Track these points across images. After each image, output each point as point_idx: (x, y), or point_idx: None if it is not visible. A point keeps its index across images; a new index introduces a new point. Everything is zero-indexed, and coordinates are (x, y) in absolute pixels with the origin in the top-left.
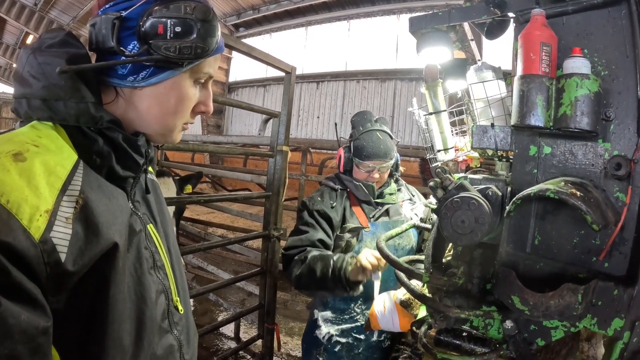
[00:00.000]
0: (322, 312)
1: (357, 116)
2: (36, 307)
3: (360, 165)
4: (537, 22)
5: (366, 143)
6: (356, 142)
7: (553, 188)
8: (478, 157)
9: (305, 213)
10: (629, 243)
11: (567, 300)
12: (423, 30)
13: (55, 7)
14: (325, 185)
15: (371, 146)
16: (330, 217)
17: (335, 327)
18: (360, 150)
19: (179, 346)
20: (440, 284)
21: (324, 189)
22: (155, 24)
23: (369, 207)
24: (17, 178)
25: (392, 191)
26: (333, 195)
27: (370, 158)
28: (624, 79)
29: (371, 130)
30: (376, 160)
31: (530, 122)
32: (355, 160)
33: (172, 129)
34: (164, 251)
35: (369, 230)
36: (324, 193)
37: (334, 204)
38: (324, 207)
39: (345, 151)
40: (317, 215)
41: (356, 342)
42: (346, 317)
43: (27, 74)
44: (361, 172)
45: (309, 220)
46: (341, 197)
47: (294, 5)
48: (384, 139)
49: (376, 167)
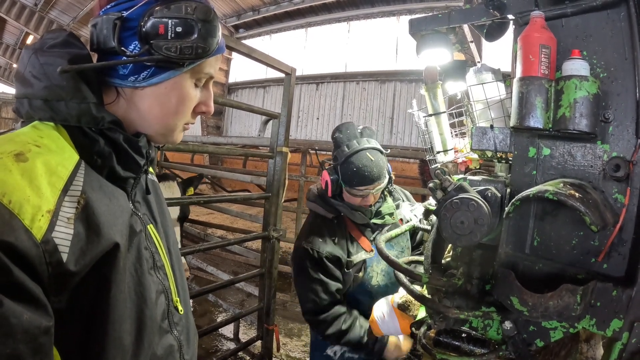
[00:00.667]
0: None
1: (339, 132)
2: (38, 306)
3: (352, 192)
4: (536, 24)
5: (356, 168)
6: (343, 167)
7: (552, 189)
8: (477, 158)
9: (311, 265)
10: (627, 244)
11: (565, 301)
12: (423, 32)
13: (56, 7)
14: (315, 214)
15: (362, 171)
16: (338, 256)
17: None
18: (351, 177)
19: (179, 346)
20: (440, 285)
21: (319, 223)
22: (156, 24)
23: (369, 230)
24: (19, 178)
25: (390, 210)
26: (331, 228)
27: (362, 184)
28: (622, 81)
29: (359, 152)
30: (370, 186)
31: (529, 123)
32: (345, 187)
33: (173, 129)
34: (164, 251)
35: (373, 254)
36: (321, 229)
37: (335, 240)
38: (329, 250)
39: (331, 174)
40: (327, 263)
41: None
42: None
43: (28, 74)
44: (354, 197)
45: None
46: (339, 227)
47: (293, 7)
48: (376, 160)
49: (371, 191)
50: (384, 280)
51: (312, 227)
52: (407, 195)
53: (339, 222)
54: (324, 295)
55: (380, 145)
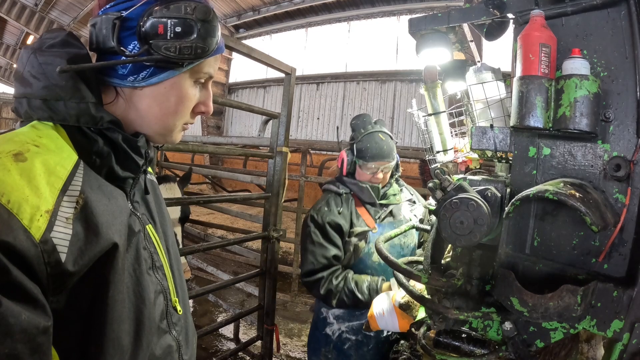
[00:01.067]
0: (332, 309)
1: (357, 119)
2: (36, 306)
3: (364, 167)
4: (536, 23)
5: (370, 144)
6: (359, 144)
7: (552, 189)
8: (477, 158)
9: (314, 229)
10: (628, 244)
11: (566, 301)
12: (423, 32)
13: (56, 7)
14: (328, 190)
15: (375, 147)
16: (340, 225)
17: (346, 323)
18: (364, 152)
19: (178, 346)
20: (439, 285)
21: (328, 196)
22: (155, 24)
23: (374, 209)
24: (18, 178)
25: (395, 192)
26: (338, 200)
27: (374, 159)
28: (623, 80)
29: (373, 132)
30: (380, 161)
31: (529, 123)
32: (359, 162)
33: (172, 129)
34: (162, 252)
35: (376, 231)
36: (329, 200)
37: (340, 210)
38: (332, 217)
39: (347, 154)
40: (329, 229)
41: (366, 340)
42: (357, 313)
43: (27, 74)
44: (365, 173)
45: (319, 239)
46: (347, 201)
47: (294, 7)
48: (386, 140)
49: (380, 167)
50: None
51: (322, 200)
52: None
53: (347, 198)
54: (322, 259)
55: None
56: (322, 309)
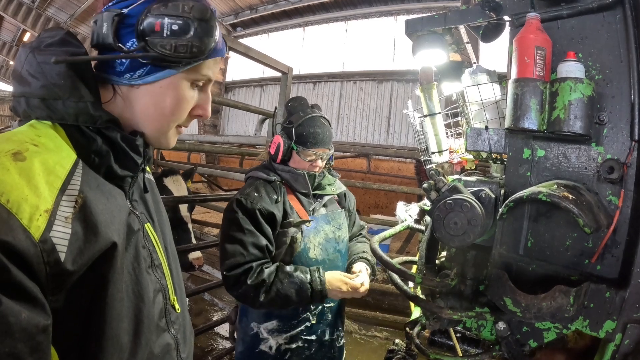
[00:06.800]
0: (263, 323)
1: (295, 101)
2: (36, 305)
3: (302, 154)
4: (532, 26)
5: (312, 129)
6: (299, 128)
7: (546, 191)
8: (472, 159)
9: (241, 215)
10: (621, 246)
11: (559, 302)
12: (419, 33)
13: (53, 4)
14: (255, 177)
15: (317, 132)
16: (274, 214)
17: (283, 335)
18: (305, 137)
19: (176, 345)
20: (433, 285)
21: (256, 183)
22: (152, 21)
23: (307, 200)
24: (17, 177)
25: (330, 182)
26: (270, 188)
27: (316, 145)
28: (617, 83)
29: (314, 116)
30: (321, 148)
31: (524, 125)
32: (297, 148)
33: (166, 131)
34: (161, 250)
35: (310, 225)
36: (258, 187)
37: (278, 198)
38: (264, 205)
39: (284, 139)
40: (259, 216)
41: (307, 344)
42: (294, 322)
43: (26, 72)
44: (303, 161)
45: (247, 226)
46: (279, 190)
47: (291, 6)
48: (327, 126)
49: (321, 155)
50: (322, 255)
51: (250, 186)
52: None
53: (279, 187)
54: (253, 249)
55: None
56: (251, 324)
